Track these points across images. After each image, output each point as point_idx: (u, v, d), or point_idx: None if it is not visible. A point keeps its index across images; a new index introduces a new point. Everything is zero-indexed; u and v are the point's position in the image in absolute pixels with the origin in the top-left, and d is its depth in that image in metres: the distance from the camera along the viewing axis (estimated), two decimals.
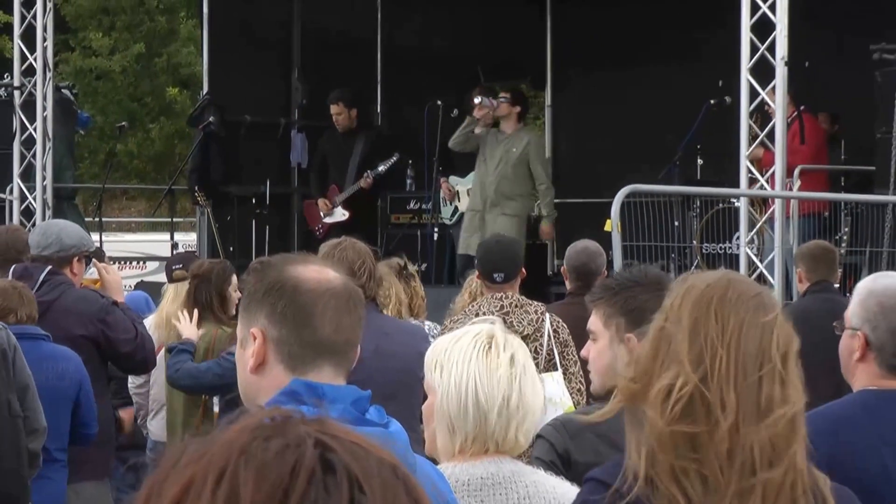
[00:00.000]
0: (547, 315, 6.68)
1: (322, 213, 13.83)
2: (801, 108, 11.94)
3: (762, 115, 10.97)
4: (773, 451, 2.69)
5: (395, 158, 13.47)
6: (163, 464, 1.27)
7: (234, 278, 7.87)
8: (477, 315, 6.50)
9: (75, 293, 6.97)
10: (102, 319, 6.87)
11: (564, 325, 6.66)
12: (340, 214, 13.69)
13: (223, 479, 1.21)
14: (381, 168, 13.45)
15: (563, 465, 3.59)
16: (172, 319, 7.72)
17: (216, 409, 7.67)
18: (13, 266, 7.05)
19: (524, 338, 6.33)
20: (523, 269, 7.05)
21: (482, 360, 3.38)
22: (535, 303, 6.84)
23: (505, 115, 12.93)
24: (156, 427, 8.28)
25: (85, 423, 6.49)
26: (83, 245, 7.12)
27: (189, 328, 7.52)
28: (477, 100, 12.84)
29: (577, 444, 3.60)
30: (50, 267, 6.96)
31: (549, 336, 6.56)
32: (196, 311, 7.61)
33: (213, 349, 7.49)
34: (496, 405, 3.35)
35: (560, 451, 3.65)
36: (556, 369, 6.48)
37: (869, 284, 3.72)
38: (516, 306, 6.66)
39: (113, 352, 6.95)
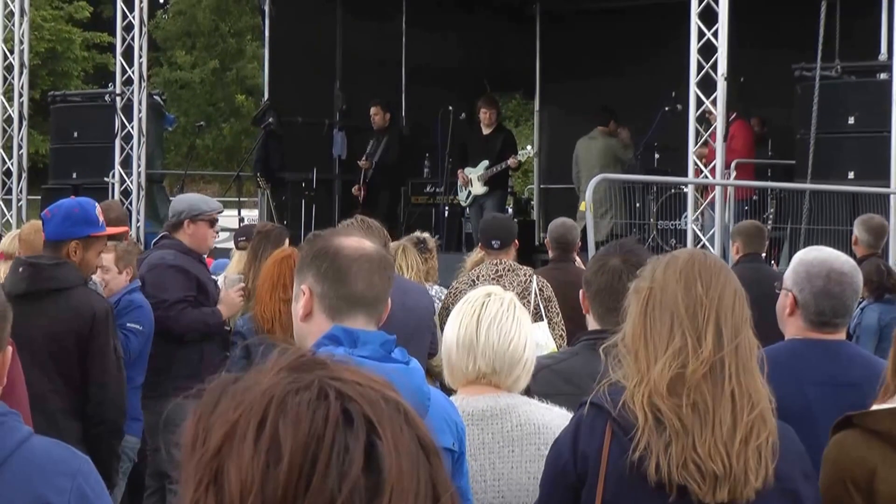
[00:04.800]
0: (534, 277, 6.63)
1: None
2: (734, 115, 11.92)
3: (706, 119, 10.95)
4: (754, 391, 2.65)
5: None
6: (205, 402, 1.22)
7: (287, 240, 7.79)
8: (478, 278, 6.46)
9: (153, 256, 6.61)
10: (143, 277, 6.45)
11: (548, 285, 6.60)
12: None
13: (264, 429, 1.17)
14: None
15: (524, 394, 3.59)
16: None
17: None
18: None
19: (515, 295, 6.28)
20: (516, 241, 6.99)
21: (457, 312, 3.43)
22: (525, 267, 6.77)
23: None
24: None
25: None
26: (192, 210, 6.65)
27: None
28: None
29: (535, 380, 3.60)
30: (163, 233, 6.83)
31: (535, 294, 6.51)
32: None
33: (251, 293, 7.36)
34: (456, 343, 3.37)
35: None
36: (543, 320, 6.43)
37: (801, 255, 3.68)
38: (508, 270, 6.61)
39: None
